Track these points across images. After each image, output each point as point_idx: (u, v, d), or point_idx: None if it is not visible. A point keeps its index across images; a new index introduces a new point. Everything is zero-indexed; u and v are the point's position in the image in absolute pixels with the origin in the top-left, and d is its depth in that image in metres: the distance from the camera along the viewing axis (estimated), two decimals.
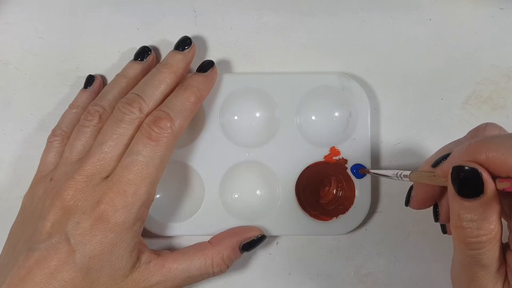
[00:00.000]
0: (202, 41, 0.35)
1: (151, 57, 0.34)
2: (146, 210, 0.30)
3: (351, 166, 0.34)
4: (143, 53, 0.34)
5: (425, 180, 0.27)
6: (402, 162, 0.35)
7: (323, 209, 0.34)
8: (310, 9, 0.35)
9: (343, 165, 0.34)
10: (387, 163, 0.35)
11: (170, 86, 0.32)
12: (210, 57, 0.36)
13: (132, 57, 0.34)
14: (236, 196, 0.35)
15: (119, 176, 0.28)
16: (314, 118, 0.34)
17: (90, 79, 0.35)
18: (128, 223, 0.28)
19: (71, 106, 0.34)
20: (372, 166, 0.34)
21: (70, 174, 0.29)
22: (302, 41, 0.35)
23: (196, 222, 0.34)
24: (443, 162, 0.25)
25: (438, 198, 0.29)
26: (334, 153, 0.34)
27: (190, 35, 0.34)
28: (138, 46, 0.35)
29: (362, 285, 0.35)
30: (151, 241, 0.35)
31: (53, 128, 0.34)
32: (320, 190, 0.35)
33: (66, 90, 0.36)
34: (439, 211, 0.29)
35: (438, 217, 0.29)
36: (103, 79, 0.36)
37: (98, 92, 0.34)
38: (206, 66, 0.33)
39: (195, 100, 0.31)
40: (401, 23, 0.35)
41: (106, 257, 0.28)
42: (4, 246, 0.31)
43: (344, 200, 0.34)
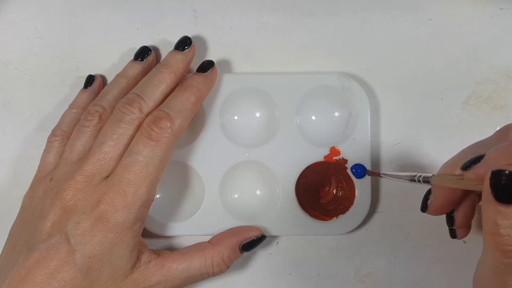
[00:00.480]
0: (202, 41, 0.35)
1: (151, 57, 0.34)
2: (146, 210, 0.30)
3: (351, 166, 0.34)
4: (143, 53, 0.34)
5: (449, 183, 0.25)
6: (402, 162, 0.35)
7: (323, 209, 0.34)
8: (310, 9, 0.35)
9: (343, 165, 0.34)
10: (387, 163, 0.35)
11: (170, 86, 0.32)
12: (210, 57, 0.36)
13: (132, 57, 0.34)
14: (236, 196, 0.35)
15: (119, 176, 0.28)
16: (314, 118, 0.34)
17: (90, 79, 0.35)
18: (128, 223, 0.28)
19: (71, 106, 0.34)
20: (372, 166, 0.34)
21: (70, 174, 0.29)
22: (302, 41, 0.35)
23: (196, 222, 0.34)
24: (477, 165, 0.24)
25: (458, 203, 0.28)
26: (334, 153, 0.34)
27: (190, 35, 0.34)
28: (138, 46, 0.35)
29: (362, 285, 0.35)
30: (151, 241, 0.35)
31: (53, 128, 0.34)
32: (320, 190, 0.35)
33: (66, 90, 0.36)
34: (455, 216, 0.28)
35: (453, 222, 0.28)
36: (103, 79, 0.36)
37: (98, 92, 0.34)
38: (206, 66, 0.33)
39: (195, 100, 0.31)
40: (401, 23, 0.35)
41: (106, 257, 0.28)
42: (4, 246, 0.31)
43: (344, 200, 0.34)
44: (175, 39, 0.34)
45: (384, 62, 0.35)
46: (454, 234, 0.30)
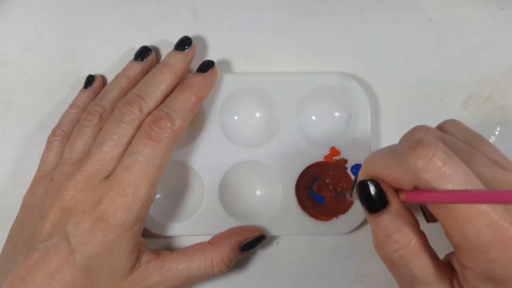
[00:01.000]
0: (202, 41, 0.35)
1: (151, 57, 0.34)
2: (146, 210, 0.30)
3: (351, 166, 0.34)
4: (143, 53, 0.34)
5: None
6: None
7: (323, 209, 0.34)
8: (310, 9, 0.35)
9: (343, 165, 0.34)
10: None
11: (170, 86, 0.32)
12: (210, 57, 0.36)
13: (132, 57, 0.34)
14: (236, 196, 0.35)
15: (119, 176, 0.28)
16: (314, 118, 0.34)
17: (90, 79, 0.35)
18: (128, 223, 0.28)
19: (71, 106, 0.34)
20: None
21: (70, 174, 0.29)
22: (302, 41, 0.35)
23: (196, 222, 0.34)
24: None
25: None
26: (334, 153, 0.34)
27: (190, 35, 0.34)
28: (138, 46, 0.35)
29: (362, 285, 0.35)
30: (151, 241, 0.35)
31: (53, 128, 0.34)
32: (320, 190, 0.35)
33: (66, 90, 0.36)
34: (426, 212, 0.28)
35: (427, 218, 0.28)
36: (103, 79, 0.36)
37: (98, 92, 0.34)
38: (206, 66, 0.33)
39: (195, 100, 0.31)
40: (401, 23, 0.35)
41: (106, 257, 0.28)
42: (4, 246, 0.31)
43: (344, 200, 0.34)
44: (175, 39, 0.34)
45: (384, 62, 0.35)
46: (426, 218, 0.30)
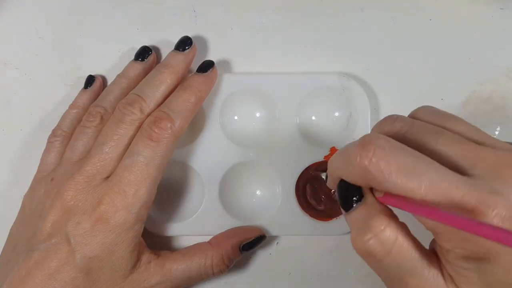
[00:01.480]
0: (202, 41, 0.35)
1: (152, 57, 0.34)
2: (146, 210, 0.30)
3: None
4: (144, 53, 0.34)
5: None
6: None
7: (323, 209, 0.34)
8: (310, 9, 0.35)
9: None
10: None
11: (170, 86, 0.32)
12: (210, 57, 0.36)
13: (132, 57, 0.34)
14: (236, 196, 0.35)
15: (120, 176, 0.28)
16: (314, 118, 0.34)
17: (90, 79, 0.35)
18: (128, 224, 0.28)
19: (72, 107, 0.34)
20: None
21: (70, 175, 0.29)
22: (302, 41, 0.35)
23: (196, 222, 0.34)
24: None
25: None
26: (334, 153, 0.34)
27: (190, 35, 0.34)
28: (138, 46, 0.35)
29: (362, 285, 0.35)
30: (151, 241, 0.35)
31: (53, 128, 0.34)
32: (320, 190, 0.35)
33: (66, 90, 0.36)
34: None
35: None
36: (103, 79, 0.36)
37: (99, 92, 0.34)
38: (206, 66, 0.33)
39: (195, 100, 0.31)
40: (401, 23, 0.35)
41: (107, 257, 0.28)
42: (4, 246, 0.31)
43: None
44: (175, 39, 0.34)
45: (384, 62, 0.35)
46: None
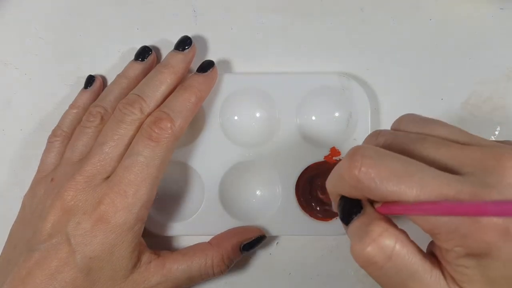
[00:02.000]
0: (202, 41, 0.35)
1: (152, 57, 0.34)
2: (147, 210, 0.30)
3: None
4: (144, 53, 0.34)
5: None
6: None
7: (323, 209, 0.34)
8: (310, 9, 0.35)
9: None
10: None
11: (170, 86, 0.32)
12: (210, 57, 0.36)
13: (132, 57, 0.34)
14: (236, 196, 0.35)
15: (120, 176, 0.28)
16: (314, 118, 0.34)
17: (90, 79, 0.35)
18: (128, 224, 0.28)
19: (72, 107, 0.34)
20: None
21: (70, 175, 0.29)
22: (302, 41, 0.35)
23: (196, 222, 0.34)
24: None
25: None
26: (334, 153, 0.34)
27: (190, 35, 0.34)
28: (138, 46, 0.34)
29: (362, 285, 0.35)
30: (151, 241, 0.35)
31: (53, 128, 0.34)
32: (320, 190, 0.35)
33: (66, 90, 0.36)
34: None
35: None
36: (104, 79, 0.36)
37: (99, 92, 0.34)
38: (206, 66, 0.33)
39: (195, 100, 0.31)
40: (401, 23, 0.35)
41: (107, 257, 0.28)
42: (4, 246, 0.31)
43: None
44: (175, 39, 0.34)
45: (384, 62, 0.35)
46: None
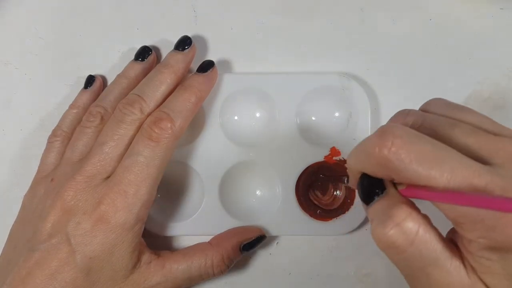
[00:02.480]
0: (202, 41, 0.35)
1: (152, 57, 0.34)
2: (147, 210, 0.30)
3: None
4: (144, 53, 0.34)
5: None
6: None
7: (323, 209, 0.34)
8: (310, 9, 0.35)
9: (343, 165, 0.34)
10: None
11: (170, 86, 0.32)
12: (210, 57, 0.36)
13: (132, 57, 0.34)
14: (236, 196, 0.35)
15: (120, 176, 0.28)
16: (314, 118, 0.34)
17: (90, 79, 0.35)
18: (129, 224, 0.28)
19: (72, 107, 0.34)
20: None
21: (70, 175, 0.29)
22: (302, 41, 0.35)
23: (196, 222, 0.34)
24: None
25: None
26: (334, 153, 0.34)
27: (190, 35, 0.34)
28: (138, 46, 0.35)
29: (362, 285, 0.35)
30: (151, 241, 0.35)
31: (53, 128, 0.34)
32: (320, 190, 0.35)
33: (66, 90, 0.36)
34: None
35: None
36: (104, 79, 0.36)
37: (99, 92, 0.34)
38: (206, 66, 0.33)
39: (196, 100, 0.31)
40: (401, 23, 0.35)
41: (107, 257, 0.28)
42: (4, 246, 0.31)
43: (344, 200, 0.34)
44: (175, 39, 0.34)
45: (384, 62, 0.35)
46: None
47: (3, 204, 0.36)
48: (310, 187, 0.34)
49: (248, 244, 0.33)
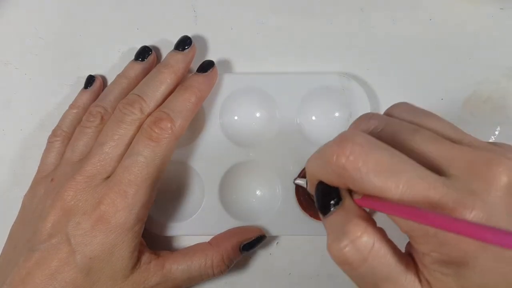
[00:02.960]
0: (202, 41, 0.35)
1: (152, 57, 0.34)
2: (147, 210, 0.30)
3: None
4: (144, 53, 0.34)
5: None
6: None
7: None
8: (310, 9, 0.35)
9: None
10: None
11: (170, 86, 0.32)
12: (210, 57, 0.36)
13: (132, 57, 0.34)
14: (236, 196, 0.35)
15: (120, 177, 0.28)
16: (314, 118, 0.34)
17: (91, 79, 0.35)
18: (128, 224, 0.28)
19: (72, 107, 0.34)
20: None
21: (70, 175, 0.29)
22: (302, 41, 0.35)
23: (196, 222, 0.34)
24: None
25: None
26: None
27: (190, 35, 0.34)
28: (138, 46, 0.35)
29: None
30: (151, 241, 0.35)
31: (53, 128, 0.34)
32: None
33: (66, 90, 0.36)
34: None
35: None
36: (104, 79, 0.36)
37: (99, 92, 0.34)
38: (206, 66, 0.33)
39: (196, 100, 0.31)
40: (401, 23, 0.35)
41: (107, 257, 0.28)
42: (4, 246, 0.31)
43: None
44: (175, 39, 0.34)
45: (384, 62, 0.35)
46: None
47: (3, 204, 0.36)
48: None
49: (248, 244, 0.33)
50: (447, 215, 0.18)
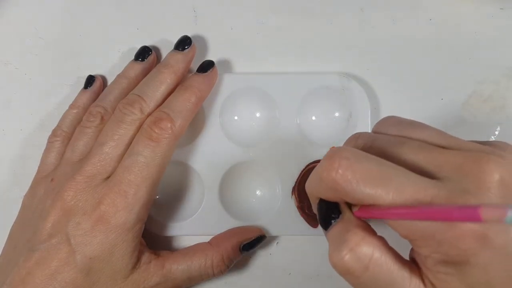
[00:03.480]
0: (202, 41, 0.35)
1: (152, 57, 0.34)
2: (147, 210, 0.30)
3: None
4: (144, 53, 0.34)
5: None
6: None
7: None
8: (310, 9, 0.35)
9: None
10: None
11: (170, 86, 0.32)
12: (210, 57, 0.36)
13: (132, 57, 0.34)
14: (236, 196, 0.35)
15: (120, 177, 0.28)
16: (314, 118, 0.34)
17: (91, 79, 0.35)
18: (129, 224, 0.28)
19: (72, 107, 0.34)
20: None
21: (70, 175, 0.29)
22: (302, 41, 0.35)
23: (196, 222, 0.34)
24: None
25: None
26: None
27: (190, 35, 0.34)
28: (138, 46, 0.34)
29: None
30: (151, 241, 0.35)
31: (53, 128, 0.34)
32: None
33: (66, 90, 0.36)
34: None
35: None
36: (104, 79, 0.36)
37: (99, 92, 0.34)
38: (206, 66, 0.33)
39: (196, 100, 0.31)
40: (401, 23, 0.35)
41: (107, 258, 0.28)
42: (4, 246, 0.31)
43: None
44: (175, 39, 0.34)
45: (384, 62, 0.35)
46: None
47: (3, 204, 0.36)
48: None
49: (248, 244, 0.33)
50: (443, 205, 0.18)
